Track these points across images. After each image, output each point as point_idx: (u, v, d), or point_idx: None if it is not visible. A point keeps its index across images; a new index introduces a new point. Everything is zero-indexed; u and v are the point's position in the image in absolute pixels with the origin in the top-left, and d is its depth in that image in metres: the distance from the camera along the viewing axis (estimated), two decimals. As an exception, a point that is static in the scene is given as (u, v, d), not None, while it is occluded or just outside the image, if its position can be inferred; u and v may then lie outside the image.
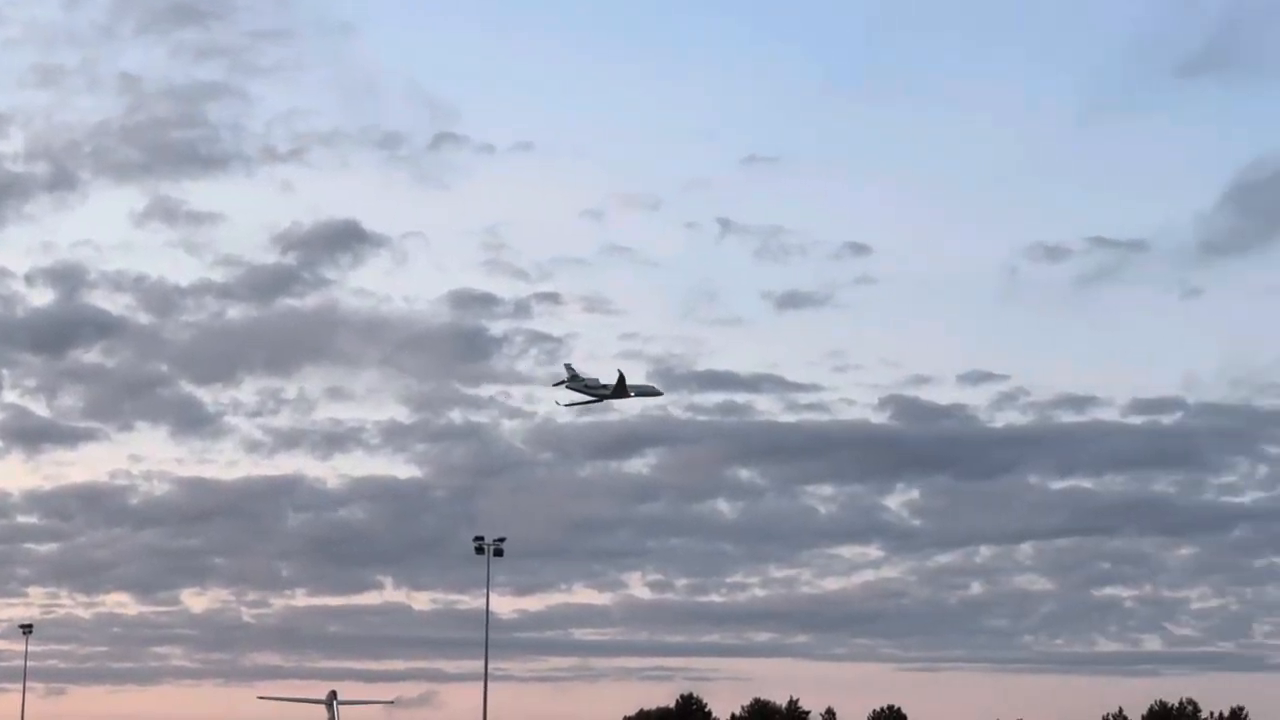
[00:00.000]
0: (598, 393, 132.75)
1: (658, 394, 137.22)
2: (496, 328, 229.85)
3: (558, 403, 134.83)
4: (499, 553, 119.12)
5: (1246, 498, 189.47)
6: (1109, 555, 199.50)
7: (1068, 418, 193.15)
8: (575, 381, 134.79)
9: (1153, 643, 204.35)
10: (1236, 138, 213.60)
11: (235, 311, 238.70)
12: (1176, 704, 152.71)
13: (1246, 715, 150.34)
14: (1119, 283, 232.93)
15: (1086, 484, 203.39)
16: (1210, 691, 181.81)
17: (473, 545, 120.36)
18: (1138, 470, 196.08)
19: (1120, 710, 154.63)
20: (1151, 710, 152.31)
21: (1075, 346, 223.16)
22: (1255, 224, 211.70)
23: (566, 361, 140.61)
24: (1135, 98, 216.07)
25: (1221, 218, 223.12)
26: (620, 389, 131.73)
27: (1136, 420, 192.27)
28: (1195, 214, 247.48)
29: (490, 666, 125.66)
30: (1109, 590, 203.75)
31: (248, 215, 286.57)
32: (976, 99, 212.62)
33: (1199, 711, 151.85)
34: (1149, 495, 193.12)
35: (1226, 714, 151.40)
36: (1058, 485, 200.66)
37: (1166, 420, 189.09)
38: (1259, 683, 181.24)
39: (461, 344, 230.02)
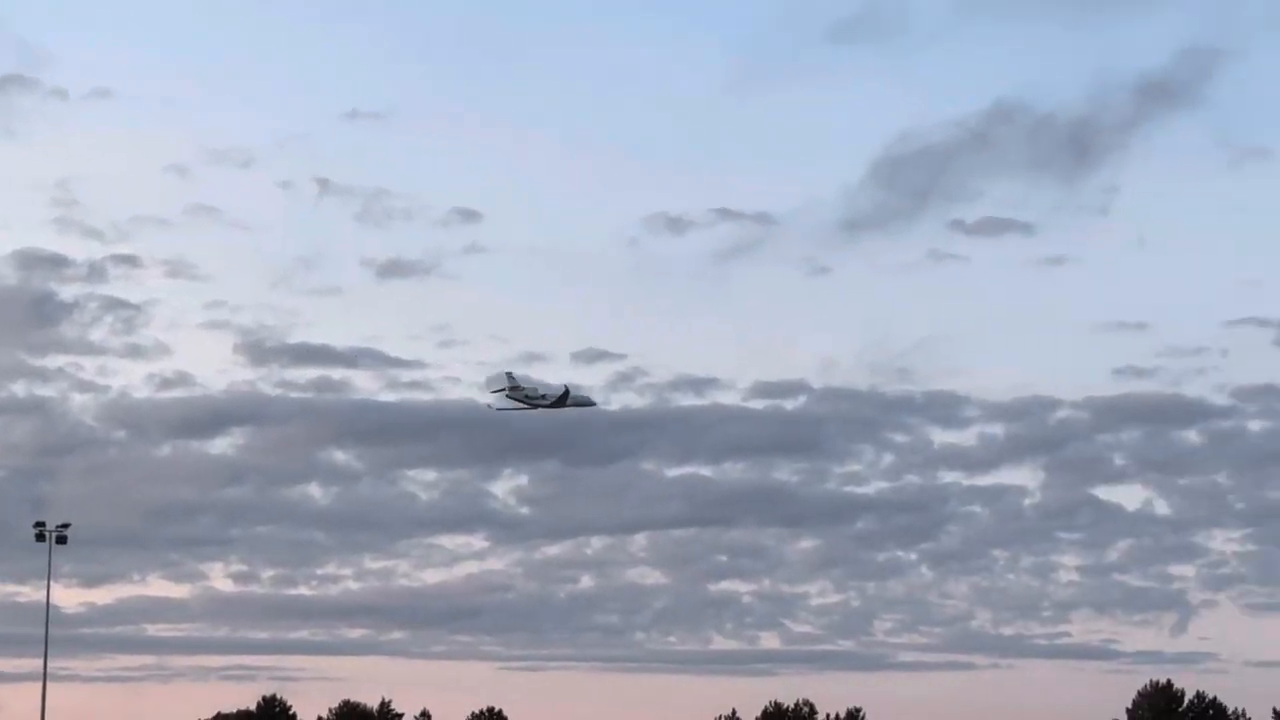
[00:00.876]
0: (535, 403, 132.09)
1: (593, 404, 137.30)
2: (67, 292, 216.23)
3: (489, 406, 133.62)
4: (62, 540, 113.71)
5: (870, 488, 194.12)
6: (727, 547, 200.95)
7: (686, 401, 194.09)
8: (516, 391, 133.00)
9: (770, 640, 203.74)
10: (886, 110, 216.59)
11: None
12: (792, 705, 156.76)
13: (864, 716, 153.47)
14: (748, 259, 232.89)
15: (705, 471, 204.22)
16: (828, 691, 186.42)
17: (33, 532, 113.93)
18: (759, 457, 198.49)
19: (734, 712, 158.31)
20: (766, 711, 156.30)
21: (697, 325, 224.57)
22: (899, 200, 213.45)
23: (508, 370, 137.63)
24: (784, 65, 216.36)
25: (865, 193, 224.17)
26: (561, 401, 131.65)
27: (759, 405, 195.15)
28: (839, 188, 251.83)
29: (51, 665, 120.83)
30: (726, 584, 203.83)
31: None
32: (611, 60, 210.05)
33: (815, 713, 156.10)
34: (770, 484, 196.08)
35: (843, 714, 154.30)
36: (674, 472, 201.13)
37: (790, 405, 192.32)
38: (878, 681, 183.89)
39: (27, 309, 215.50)
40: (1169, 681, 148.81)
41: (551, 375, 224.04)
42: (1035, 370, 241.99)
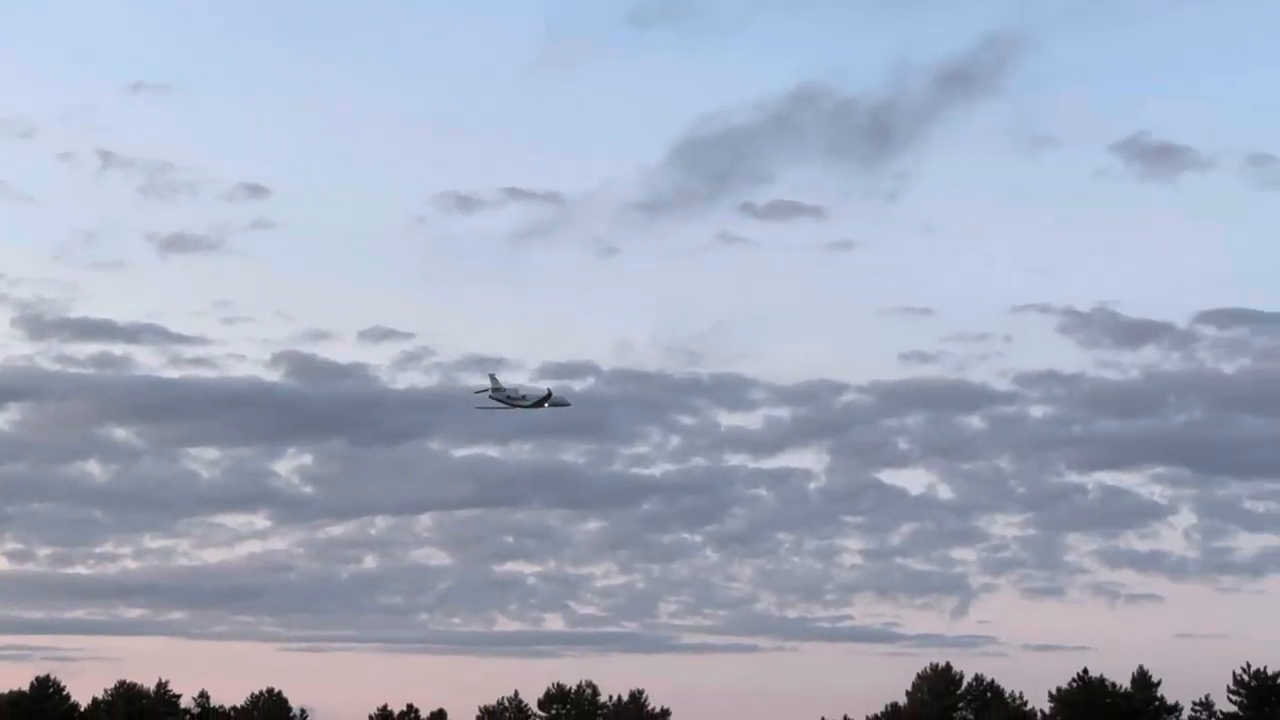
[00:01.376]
0: (516, 404, 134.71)
1: (567, 404, 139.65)
2: None
3: (474, 406, 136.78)
4: None
5: (657, 470, 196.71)
6: (512, 528, 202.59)
7: (474, 381, 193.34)
8: (498, 392, 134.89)
9: (555, 622, 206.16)
10: (687, 93, 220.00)
11: None
12: (575, 687, 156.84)
13: (646, 698, 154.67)
14: (540, 240, 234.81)
15: (492, 452, 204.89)
16: (611, 673, 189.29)
17: None
18: (546, 439, 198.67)
19: (516, 693, 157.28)
20: (549, 693, 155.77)
21: (487, 305, 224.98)
22: (697, 183, 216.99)
23: (491, 372, 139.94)
24: (585, 48, 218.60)
25: (663, 175, 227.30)
26: (542, 403, 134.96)
27: (546, 384, 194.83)
28: (638, 170, 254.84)
29: None
30: (511, 566, 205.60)
31: None
32: (406, 37, 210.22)
33: (598, 694, 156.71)
34: (557, 465, 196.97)
35: (626, 697, 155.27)
36: (461, 453, 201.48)
37: (578, 386, 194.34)
38: (661, 664, 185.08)
39: None
40: (948, 664, 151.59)
41: (338, 355, 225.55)
42: (822, 354, 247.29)
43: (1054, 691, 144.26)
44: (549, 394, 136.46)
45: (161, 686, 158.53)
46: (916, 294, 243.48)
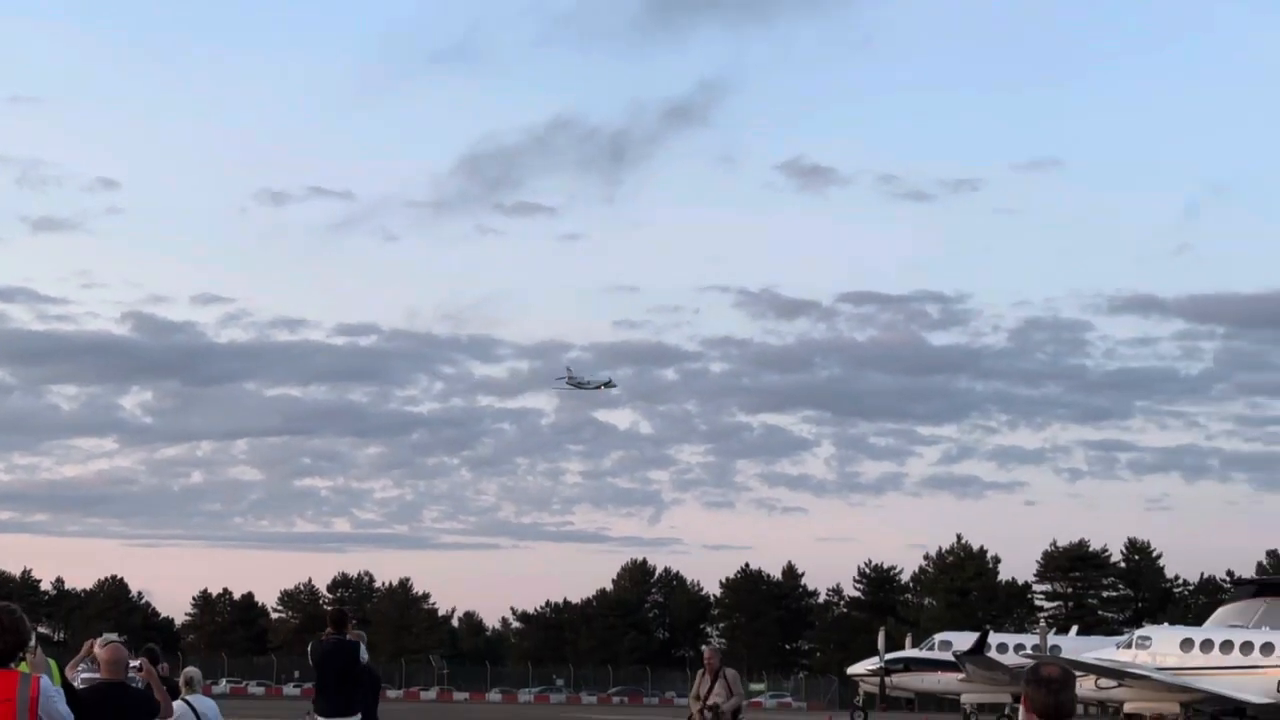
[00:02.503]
0: (584, 386, 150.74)
1: (614, 386, 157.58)
2: None
3: (554, 387, 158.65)
4: None
5: (424, 408, 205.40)
6: (310, 452, 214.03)
7: (283, 337, 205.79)
8: (573, 379, 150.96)
9: (342, 525, 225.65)
10: (472, 117, 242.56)
11: None
12: (356, 575, 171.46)
13: (411, 584, 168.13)
14: (342, 228, 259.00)
15: (294, 392, 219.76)
16: (385, 565, 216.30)
17: None
18: (338, 382, 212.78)
19: (310, 580, 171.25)
20: (335, 580, 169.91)
21: (294, 277, 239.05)
22: (475, 188, 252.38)
23: (568, 365, 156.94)
24: (393, 80, 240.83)
25: (448, 181, 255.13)
26: (603, 386, 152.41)
27: (339, 341, 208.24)
28: (428, 176, 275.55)
29: None
30: (308, 481, 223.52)
31: None
32: (241, 63, 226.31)
33: (374, 580, 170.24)
34: (345, 403, 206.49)
35: (396, 583, 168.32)
36: (271, 393, 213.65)
37: (364, 342, 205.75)
38: (425, 558, 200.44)
39: None
40: (645, 559, 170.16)
41: (173, 313, 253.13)
42: (555, 321, 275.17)
43: (723, 580, 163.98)
44: (609, 380, 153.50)
45: (26, 574, 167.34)
46: (627, 275, 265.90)
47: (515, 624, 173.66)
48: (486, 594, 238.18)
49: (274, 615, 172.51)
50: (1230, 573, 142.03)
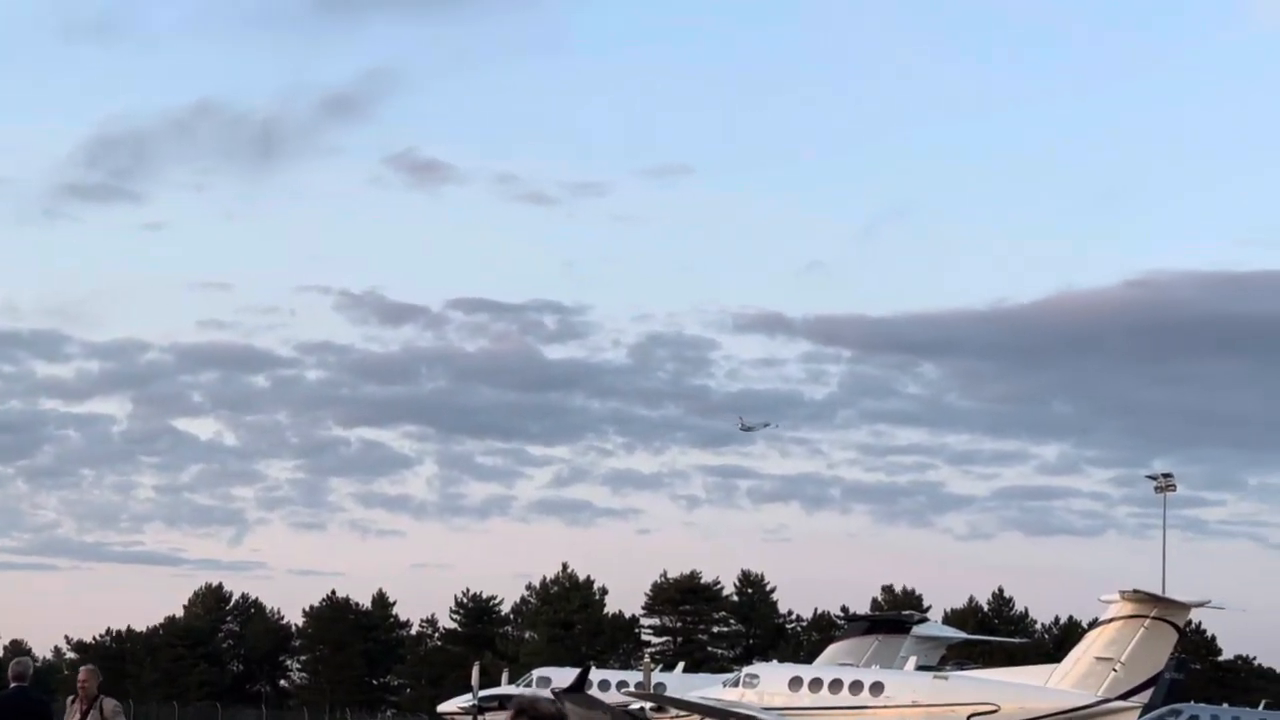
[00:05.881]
0: (751, 429, 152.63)
1: (768, 424, 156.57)
2: None
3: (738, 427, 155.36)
4: None
5: None
6: None
7: None
8: (745, 425, 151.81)
9: None
10: (104, 97, 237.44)
11: None
12: None
13: None
14: None
15: None
16: None
17: None
18: None
19: None
20: None
21: None
22: (98, 175, 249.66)
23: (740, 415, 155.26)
24: (12, 55, 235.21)
25: (70, 168, 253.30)
26: (757, 427, 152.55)
27: None
28: (51, 160, 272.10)
29: None
30: None
31: None
32: None
33: None
34: None
35: None
36: None
37: None
38: None
39: None
40: (221, 583, 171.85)
41: None
42: (134, 319, 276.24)
43: (307, 609, 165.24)
44: (768, 423, 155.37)
45: None
46: (217, 271, 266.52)
47: (70, 654, 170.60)
48: (40, 621, 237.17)
49: None
50: (845, 608, 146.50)
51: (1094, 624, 69.57)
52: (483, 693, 76.13)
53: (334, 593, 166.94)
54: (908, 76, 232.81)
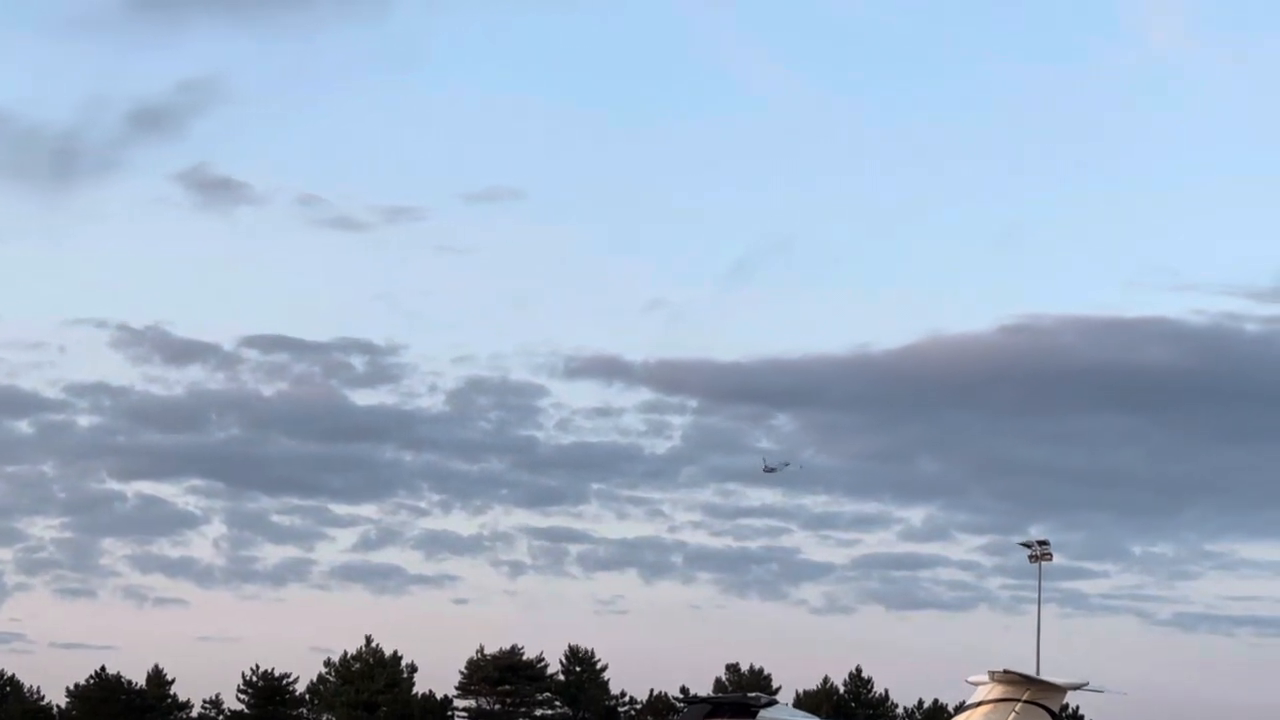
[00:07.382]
0: (773, 470, 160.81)
1: (787, 465, 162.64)
2: None
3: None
4: None
5: None
6: None
7: None
8: (768, 467, 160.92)
9: None
10: None
11: None
12: None
13: None
14: None
15: None
16: None
17: None
18: None
19: None
20: None
21: None
22: None
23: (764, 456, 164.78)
24: None
25: None
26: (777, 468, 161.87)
27: None
28: None
29: None
30: None
31: None
32: None
33: None
34: None
35: None
36: None
37: None
38: None
39: None
40: None
41: None
42: None
43: (71, 687, 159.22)
44: (787, 464, 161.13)
45: None
46: None
47: None
48: None
49: None
50: (684, 689, 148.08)
51: (960, 708, 68.02)
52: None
53: (103, 669, 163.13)
54: (767, 108, 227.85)
